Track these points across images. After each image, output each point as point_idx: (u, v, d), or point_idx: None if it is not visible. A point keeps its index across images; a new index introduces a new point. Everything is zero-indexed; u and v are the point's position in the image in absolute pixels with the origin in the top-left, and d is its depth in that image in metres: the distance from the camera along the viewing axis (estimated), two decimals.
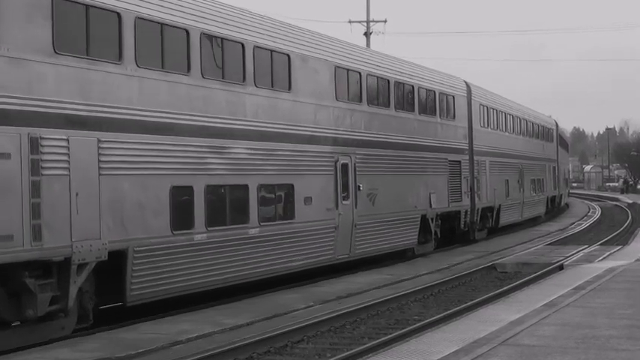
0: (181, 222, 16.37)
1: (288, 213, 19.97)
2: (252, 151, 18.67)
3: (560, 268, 23.05)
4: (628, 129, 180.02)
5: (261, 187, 18.85)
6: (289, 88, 20.20)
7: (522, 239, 35.09)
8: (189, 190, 16.62)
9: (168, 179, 16.04)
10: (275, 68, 19.73)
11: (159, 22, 15.94)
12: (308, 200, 20.67)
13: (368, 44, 49.29)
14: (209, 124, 17.26)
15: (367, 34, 50.30)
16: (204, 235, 16.91)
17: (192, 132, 16.79)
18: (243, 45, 18.42)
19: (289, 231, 19.87)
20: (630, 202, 71.98)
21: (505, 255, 28.06)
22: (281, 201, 19.82)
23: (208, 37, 17.33)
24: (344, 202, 22.44)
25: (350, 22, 51.15)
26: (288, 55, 20.19)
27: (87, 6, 14.27)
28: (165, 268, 15.92)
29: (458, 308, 16.86)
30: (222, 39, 17.80)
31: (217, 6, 17.89)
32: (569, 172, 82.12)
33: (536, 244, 32.65)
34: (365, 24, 50.55)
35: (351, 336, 14.84)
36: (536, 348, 10.81)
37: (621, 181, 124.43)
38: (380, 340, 13.53)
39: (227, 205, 17.81)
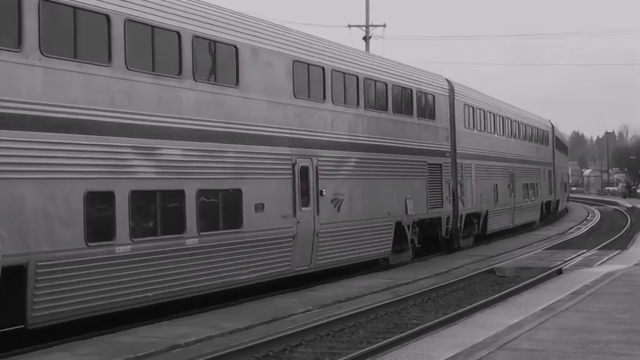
0: (99, 232, 14.45)
1: (235, 221, 18.02)
2: (191, 153, 16.75)
3: (559, 272, 22.88)
4: (627, 133, 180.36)
5: (201, 192, 16.92)
6: (237, 83, 18.27)
7: (521, 243, 34.77)
8: (109, 197, 14.69)
9: (82, 184, 14.11)
10: (219, 61, 17.82)
11: (71, 6, 14.02)
12: (259, 207, 18.73)
13: (367, 48, 48.08)
14: (135, 121, 15.33)
15: (366, 39, 49.34)
16: (128, 247, 14.98)
17: (115, 131, 14.86)
18: (179, 34, 16.51)
19: (236, 241, 17.93)
20: (630, 206, 71.02)
21: (504, 259, 27.80)
22: (226, 208, 17.87)
23: (135, 25, 15.40)
24: (303, 208, 20.51)
25: (349, 26, 50.30)
26: (236, 47, 18.26)
27: None
28: (79, 285, 14.00)
29: (456, 312, 16.80)
30: (153, 27, 15.89)
31: None
32: (568, 176, 79.94)
33: (535, 248, 32.33)
34: (364, 28, 49.66)
35: (350, 340, 14.75)
36: (535, 352, 10.79)
37: (621, 185, 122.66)
38: (378, 344, 13.53)
39: (158, 213, 15.89)
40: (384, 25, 50.06)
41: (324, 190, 21.31)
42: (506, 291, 19.83)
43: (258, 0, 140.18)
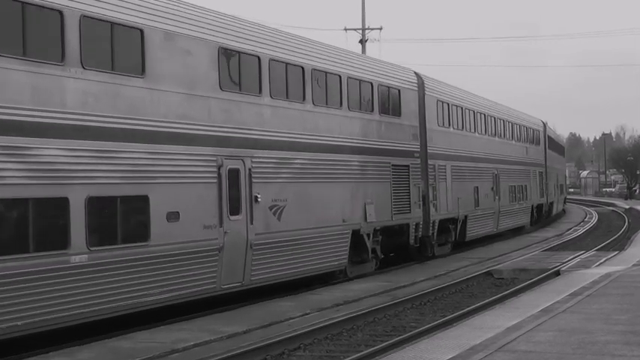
0: None
1: (140, 233, 15.42)
2: (77, 153, 14.14)
3: (557, 274, 22.90)
4: (624, 134, 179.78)
5: (92, 200, 14.32)
6: (143, 72, 15.70)
7: (519, 245, 34.71)
8: None
9: None
10: (118, 46, 15.24)
11: None
12: (173, 216, 16.14)
13: (364, 51, 46.74)
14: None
15: (363, 42, 48.44)
16: None
17: None
18: (61, 13, 13.94)
19: (140, 256, 15.33)
20: (627, 207, 69.44)
21: (502, 261, 27.75)
22: (128, 218, 15.26)
23: None
24: (232, 217, 17.89)
25: (345, 29, 49.68)
26: (142, 30, 15.69)
27: None
28: None
29: (454, 315, 16.81)
30: (24, 3, 13.32)
31: None
32: (565, 177, 77.08)
33: (533, 250, 32.28)
34: (360, 31, 48.85)
35: (348, 343, 14.78)
36: (533, 354, 10.83)
37: (619, 186, 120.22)
38: (377, 347, 13.56)
39: (30, 225, 13.28)
40: (381, 28, 49.84)
41: (259, 196, 18.72)
42: (504, 293, 19.85)
43: (254, 3, 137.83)
